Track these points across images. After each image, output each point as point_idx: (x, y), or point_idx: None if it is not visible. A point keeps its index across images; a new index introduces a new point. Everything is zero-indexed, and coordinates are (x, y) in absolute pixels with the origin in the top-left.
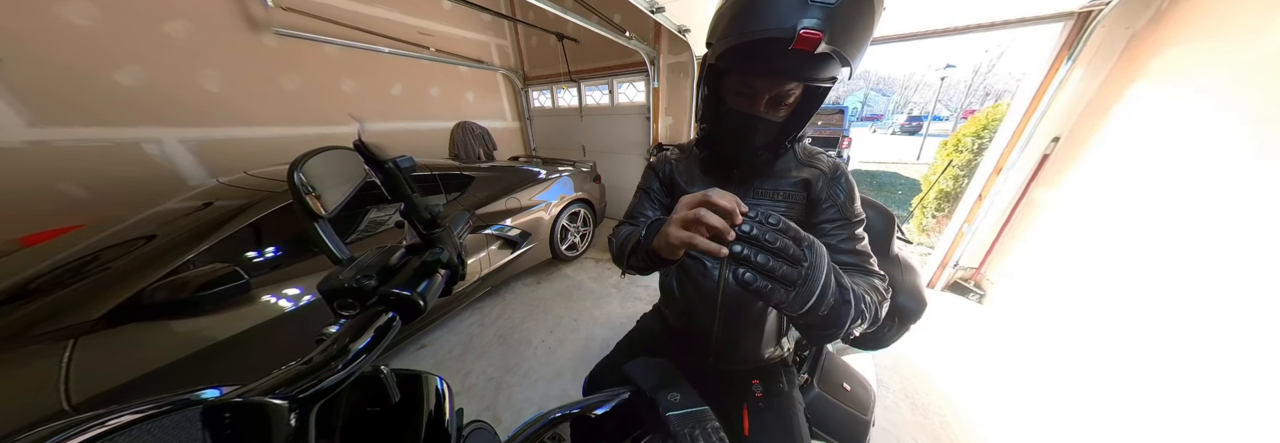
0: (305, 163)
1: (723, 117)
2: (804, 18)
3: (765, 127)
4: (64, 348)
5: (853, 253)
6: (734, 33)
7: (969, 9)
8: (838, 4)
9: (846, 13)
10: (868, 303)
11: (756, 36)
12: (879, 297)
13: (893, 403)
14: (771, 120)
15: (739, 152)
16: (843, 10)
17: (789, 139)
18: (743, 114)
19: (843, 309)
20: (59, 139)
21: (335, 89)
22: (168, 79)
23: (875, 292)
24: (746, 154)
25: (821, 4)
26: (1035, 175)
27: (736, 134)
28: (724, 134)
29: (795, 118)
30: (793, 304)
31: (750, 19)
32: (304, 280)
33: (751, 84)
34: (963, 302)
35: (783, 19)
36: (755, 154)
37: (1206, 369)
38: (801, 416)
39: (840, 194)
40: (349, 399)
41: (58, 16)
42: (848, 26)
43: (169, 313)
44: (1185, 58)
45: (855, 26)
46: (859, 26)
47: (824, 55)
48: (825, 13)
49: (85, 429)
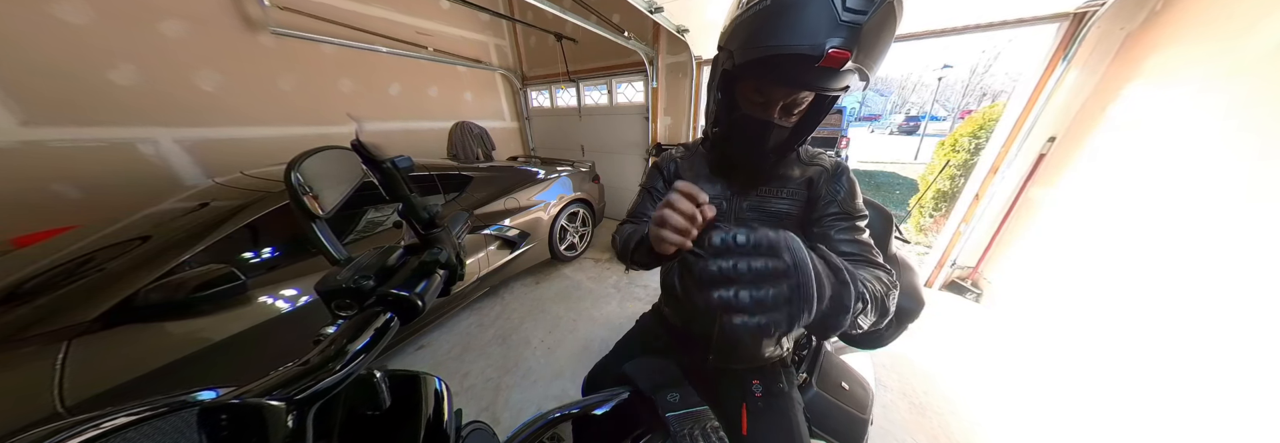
0: (303, 163)
1: (735, 121)
2: (833, 36)
3: (778, 131)
4: (58, 350)
5: (855, 243)
6: (758, 44)
7: (966, 10)
8: (868, 21)
9: (874, 30)
10: (871, 289)
11: (784, 51)
12: (883, 286)
13: (891, 402)
14: (783, 126)
15: (750, 155)
16: (871, 28)
17: (798, 143)
18: (757, 120)
19: (842, 291)
20: (52, 139)
21: (333, 89)
22: (163, 79)
23: (878, 281)
24: (757, 157)
25: (852, 24)
26: (1031, 175)
27: (749, 139)
28: (736, 138)
29: (805, 123)
30: (796, 320)
31: (778, 32)
32: (301, 281)
33: (767, 92)
34: (960, 301)
35: (812, 36)
36: (765, 157)
37: (1201, 365)
38: (801, 415)
39: (840, 190)
40: (347, 400)
41: (51, 15)
42: (873, 43)
43: (165, 314)
44: (1179, 58)
45: (880, 42)
46: (883, 42)
47: (846, 69)
48: (854, 32)
49: (79, 432)
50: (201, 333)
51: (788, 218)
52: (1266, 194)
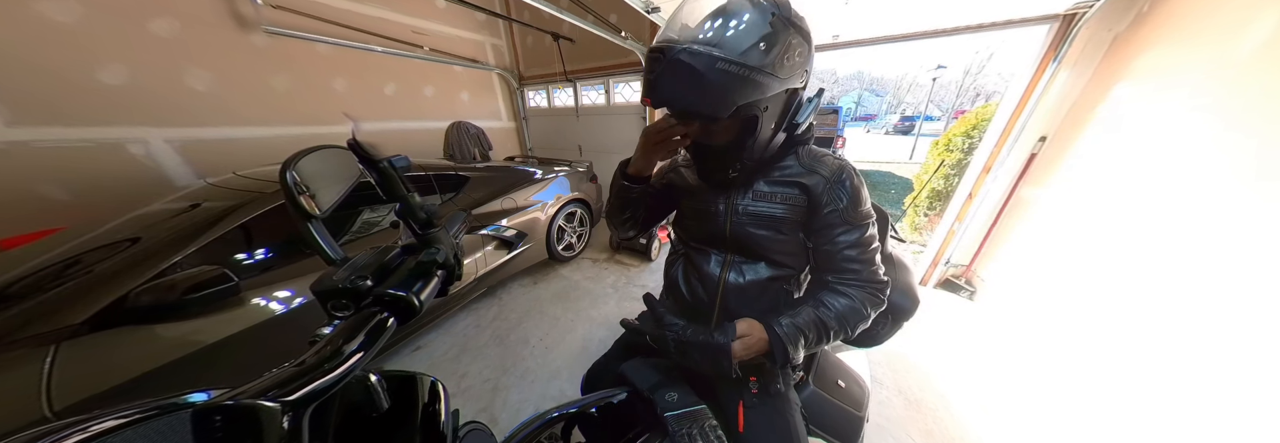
0: (298, 162)
1: (689, 146)
2: (652, 94)
3: (714, 151)
4: (46, 353)
5: (856, 260)
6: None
7: (958, 11)
8: (656, 81)
9: (670, 84)
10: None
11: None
12: (857, 318)
13: (886, 399)
14: (718, 145)
15: (714, 170)
16: (664, 83)
17: (746, 158)
18: (696, 143)
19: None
20: (39, 139)
21: (327, 88)
22: (153, 78)
23: (840, 319)
24: (715, 172)
25: (653, 81)
26: (1023, 174)
27: (703, 158)
28: (697, 158)
29: (737, 142)
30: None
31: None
32: (296, 282)
33: (683, 123)
34: (954, 299)
35: (645, 91)
36: (719, 171)
37: (1187, 360)
38: (798, 413)
39: (842, 198)
40: (343, 402)
41: (38, 13)
42: (681, 92)
43: (156, 317)
44: (1166, 59)
45: (691, 89)
46: (694, 87)
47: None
48: (656, 88)
49: (66, 436)
50: (194, 336)
51: (781, 221)
52: (1250, 192)
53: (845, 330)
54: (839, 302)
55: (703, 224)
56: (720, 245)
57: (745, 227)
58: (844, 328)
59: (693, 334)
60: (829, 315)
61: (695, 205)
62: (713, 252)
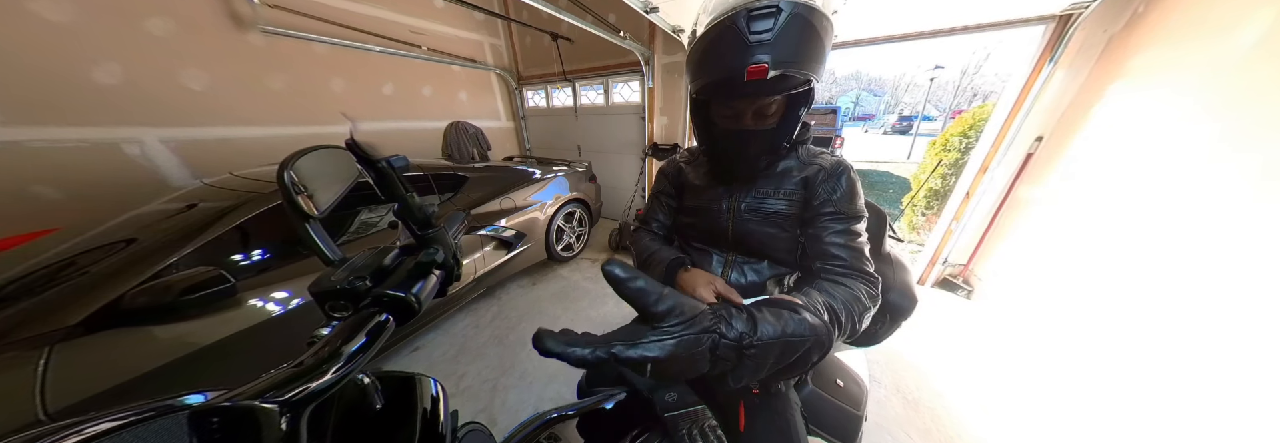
0: (296, 162)
1: (716, 137)
2: (747, 57)
3: (757, 138)
4: (40, 355)
5: (846, 248)
6: (701, 76)
7: (955, 11)
8: (774, 37)
9: (788, 39)
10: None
11: (717, 77)
12: (860, 307)
13: (884, 398)
14: (762, 131)
15: (737, 162)
16: (783, 39)
17: (784, 142)
18: (733, 132)
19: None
20: (32, 139)
21: (324, 88)
22: (149, 78)
23: (846, 306)
24: (744, 163)
25: (759, 42)
26: (1020, 174)
27: (731, 150)
28: (720, 150)
29: (785, 124)
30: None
31: (708, 64)
32: (293, 283)
33: (733, 106)
34: (952, 298)
35: (732, 60)
36: (753, 162)
37: (1183, 358)
38: (797, 412)
39: (837, 190)
40: (342, 403)
41: (31, 12)
42: (793, 48)
43: (152, 318)
44: (1160, 59)
45: (801, 45)
46: (805, 44)
47: (776, 76)
48: (764, 46)
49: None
50: (190, 337)
51: (784, 218)
52: (1244, 191)
53: (852, 321)
54: (838, 290)
55: (704, 222)
56: (721, 244)
57: (747, 224)
58: (851, 317)
59: None
60: (835, 302)
61: (697, 204)
62: (714, 251)
